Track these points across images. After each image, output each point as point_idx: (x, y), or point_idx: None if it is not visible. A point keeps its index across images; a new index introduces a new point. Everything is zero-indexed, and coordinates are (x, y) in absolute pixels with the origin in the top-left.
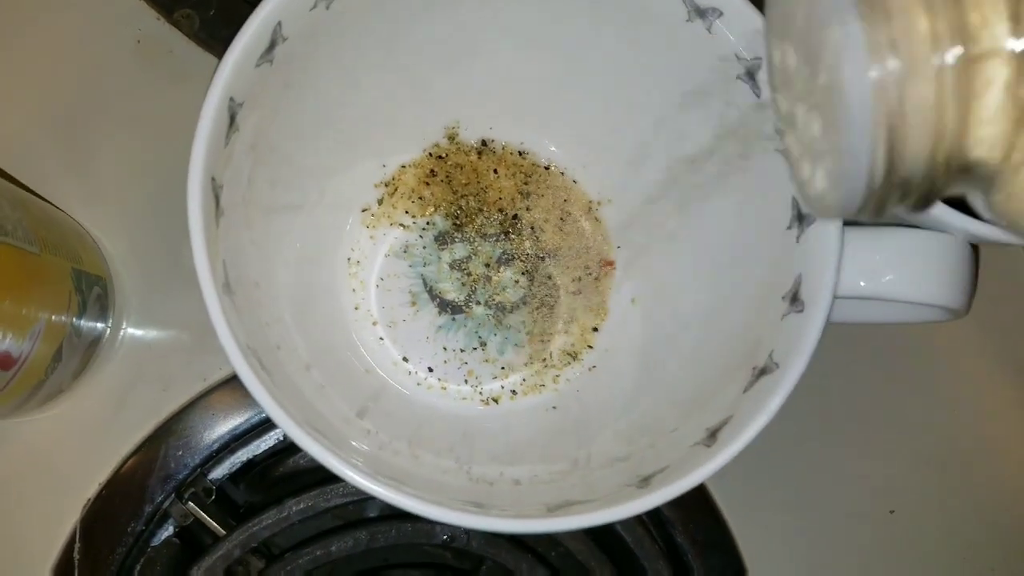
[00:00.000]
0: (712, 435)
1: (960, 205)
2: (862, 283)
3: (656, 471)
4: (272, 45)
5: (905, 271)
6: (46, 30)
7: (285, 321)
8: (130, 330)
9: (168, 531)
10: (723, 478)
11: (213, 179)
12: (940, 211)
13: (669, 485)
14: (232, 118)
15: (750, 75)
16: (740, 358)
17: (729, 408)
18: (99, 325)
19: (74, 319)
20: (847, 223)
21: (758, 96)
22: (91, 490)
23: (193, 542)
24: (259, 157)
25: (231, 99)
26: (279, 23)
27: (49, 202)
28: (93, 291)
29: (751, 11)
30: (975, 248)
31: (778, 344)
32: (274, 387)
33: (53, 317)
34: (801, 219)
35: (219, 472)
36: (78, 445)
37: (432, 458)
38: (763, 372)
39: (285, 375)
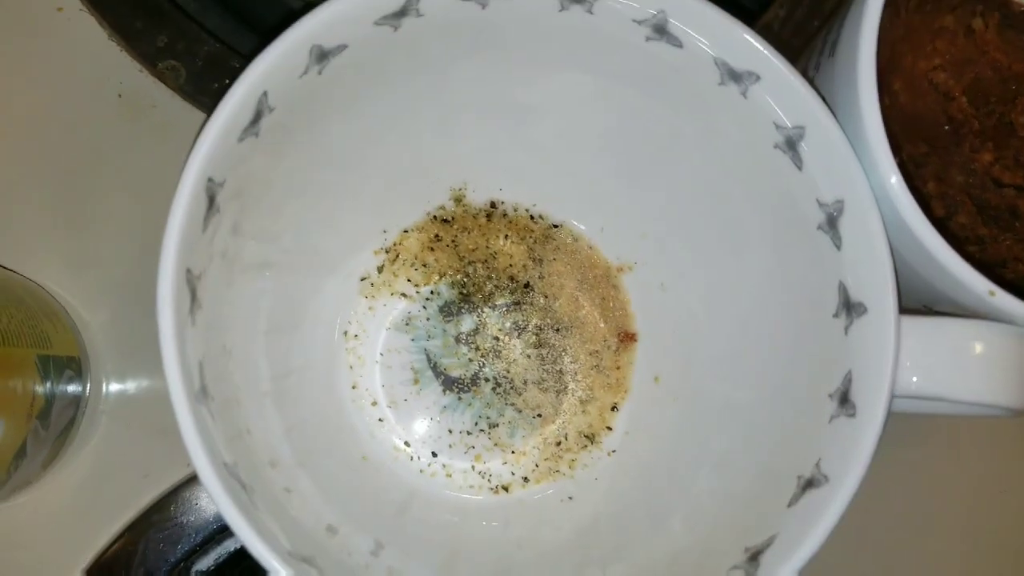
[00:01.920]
0: (753, 558)
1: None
2: (914, 380)
3: None
4: (257, 117)
5: (962, 369)
6: (19, 82)
7: (261, 397)
8: (108, 410)
9: None
10: None
11: (189, 271)
12: (1003, 300)
13: None
14: (211, 200)
15: (790, 145)
16: (782, 464)
17: (772, 525)
18: (71, 409)
19: (40, 411)
20: (901, 309)
21: (799, 168)
22: None
23: None
24: (243, 235)
25: (210, 179)
26: (265, 93)
27: (15, 271)
28: (64, 374)
29: (792, 76)
30: None
31: (826, 452)
32: (254, 510)
33: (13, 415)
34: (850, 308)
35: (205, 563)
36: (50, 537)
37: None
38: (810, 484)
39: (258, 474)
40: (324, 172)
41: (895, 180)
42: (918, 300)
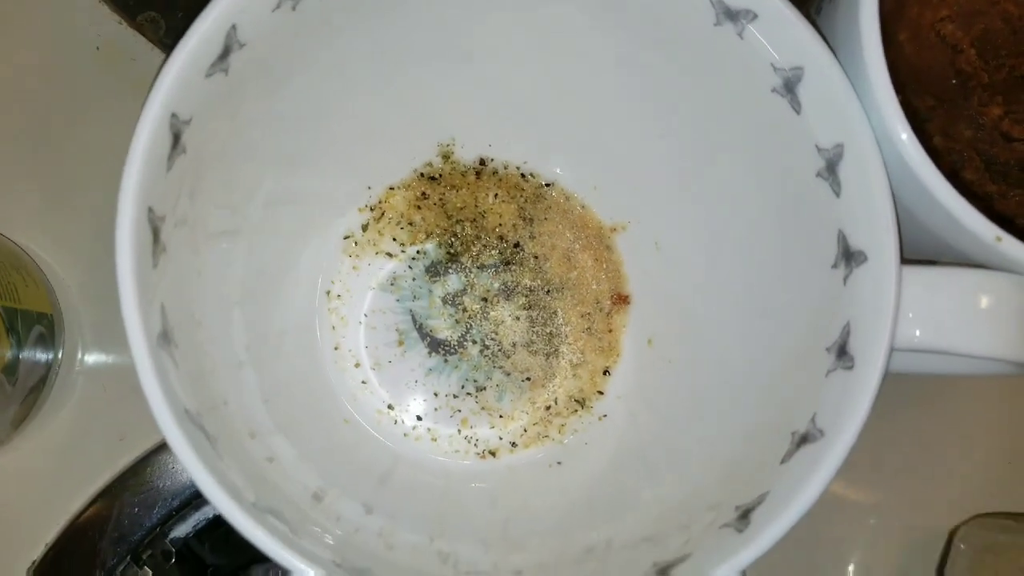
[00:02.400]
0: (744, 516)
1: None
2: (917, 333)
3: (676, 560)
4: (226, 52)
5: (969, 320)
6: None
7: (238, 366)
8: (84, 371)
9: None
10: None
11: (151, 210)
12: (1011, 247)
13: None
14: (176, 138)
15: (788, 88)
16: (776, 420)
17: (764, 482)
18: (42, 368)
19: (5, 364)
20: (903, 260)
21: (797, 112)
22: (36, 551)
23: None
24: (212, 181)
25: (174, 115)
26: (233, 26)
27: None
28: (33, 330)
29: (791, 14)
30: None
31: (822, 406)
32: (218, 460)
33: None
34: (849, 257)
35: (181, 530)
36: (22, 501)
37: (410, 544)
38: (804, 440)
39: (236, 443)
40: (301, 121)
41: (896, 121)
42: (922, 253)
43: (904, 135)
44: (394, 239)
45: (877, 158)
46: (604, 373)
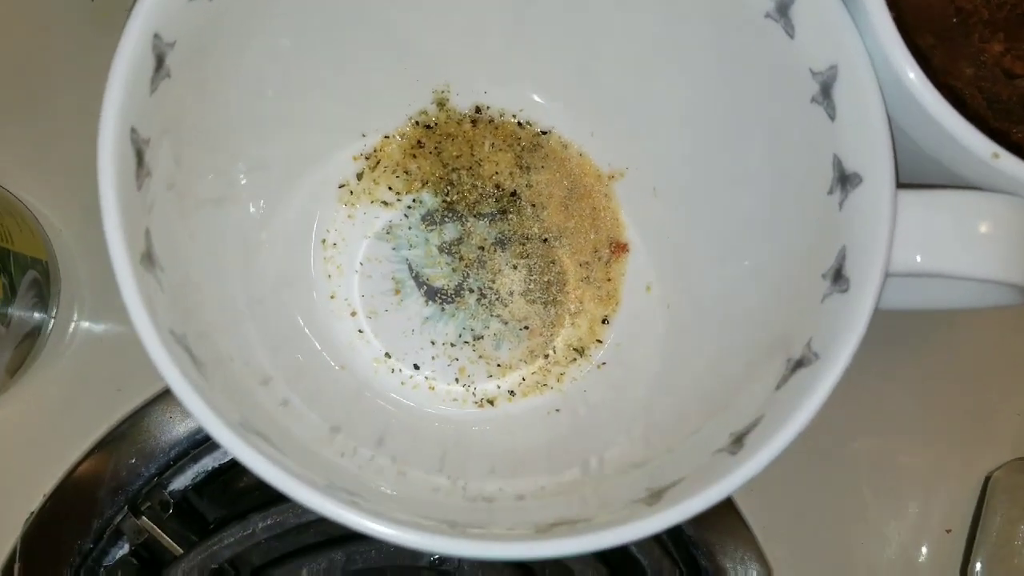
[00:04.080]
0: (738, 440)
1: None
2: (918, 257)
3: (669, 484)
4: None
5: (967, 243)
6: None
7: (239, 321)
8: (82, 321)
9: (123, 549)
10: (758, 491)
11: (134, 130)
12: (1008, 164)
13: (681, 502)
14: (160, 60)
15: (781, 11)
16: (772, 348)
17: (759, 408)
18: (36, 315)
19: None
20: (899, 185)
21: (791, 36)
22: (34, 503)
23: (154, 561)
24: (198, 146)
25: (156, 35)
26: None
27: None
28: (27, 275)
29: None
30: None
31: (818, 331)
32: (203, 381)
33: None
34: (844, 181)
35: (180, 482)
36: (19, 452)
37: (421, 475)
38: (800, 364)
39: (240, 385)
40: (293, 61)
41: (890, 39)
42: (919, 179)
43: (899, 52)
44: (390, 188)
45: (871, 77)
46: (603, 322)
